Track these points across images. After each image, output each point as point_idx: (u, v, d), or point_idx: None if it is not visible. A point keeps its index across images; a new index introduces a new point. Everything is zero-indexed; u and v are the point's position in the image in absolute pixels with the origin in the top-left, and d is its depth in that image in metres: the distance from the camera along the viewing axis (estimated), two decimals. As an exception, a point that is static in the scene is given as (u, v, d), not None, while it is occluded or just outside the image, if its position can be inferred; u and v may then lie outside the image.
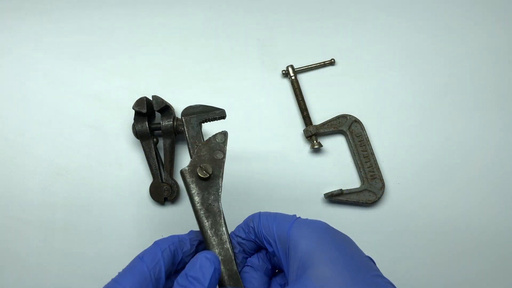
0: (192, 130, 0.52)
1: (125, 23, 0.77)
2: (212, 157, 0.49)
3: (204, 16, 0.78)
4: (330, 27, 0.77)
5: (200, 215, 0.48)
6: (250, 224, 0.48)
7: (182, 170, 0.49)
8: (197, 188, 0.48)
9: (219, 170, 0.49)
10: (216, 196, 0.48)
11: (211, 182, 0.49)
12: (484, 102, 0.74)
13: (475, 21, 0.78)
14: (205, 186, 0.49)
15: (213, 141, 0.50)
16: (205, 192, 0.48)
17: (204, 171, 0.48)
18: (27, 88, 0.74)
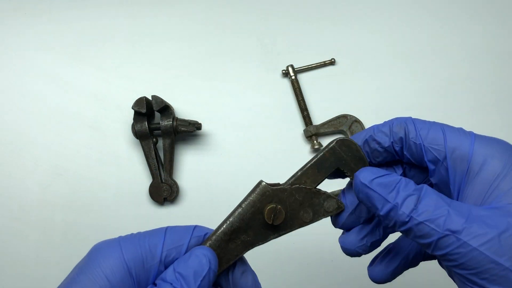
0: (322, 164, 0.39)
1: (125, 23, 0.77)
2: (298, 211, 0.38)
3: (204, 15, 0.77)
4: (330, 27, 0.77)
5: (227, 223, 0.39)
6: (399, 132, 0.37)
7: (263, 185, 0.39)
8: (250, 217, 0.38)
9: (287, 228, 0.38)
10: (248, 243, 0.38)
11: (266, 228, 0.38)
12: (485, 101, 0.74)
13: (475, 21, 0.78)
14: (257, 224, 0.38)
15: (320, 198, 0.38)
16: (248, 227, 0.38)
17: (273, 216, 0.37)
18: (26, 88, 0.74)
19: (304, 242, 0.66)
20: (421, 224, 0.32)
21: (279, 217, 0.37)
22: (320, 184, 0.39)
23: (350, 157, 0.38)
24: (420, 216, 0.32)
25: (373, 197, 0.34)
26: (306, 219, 0.38)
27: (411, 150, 0.37)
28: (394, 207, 0.33)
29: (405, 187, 0.33)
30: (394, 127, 0.38)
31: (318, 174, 0.39)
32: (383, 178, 0.34)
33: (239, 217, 0.38)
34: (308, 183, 0.38)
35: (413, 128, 0.37)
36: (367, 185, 0.34)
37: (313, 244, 0.66)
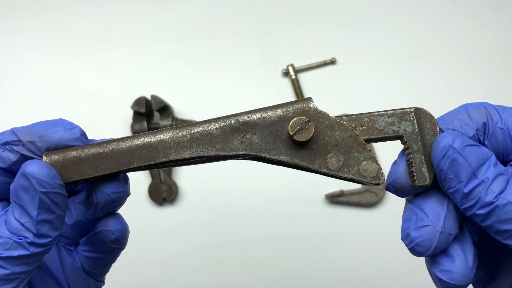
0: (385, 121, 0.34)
1: (124, 22, 0.77)
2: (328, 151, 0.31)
3: (203, 15, 0.77)
4: (330, 26, 0.77)
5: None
6: (480, 118, 0.31)
7: (311, 102, 0.32)
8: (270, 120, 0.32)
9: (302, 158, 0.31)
10: (252, 146, 0.31)
11: (281, 142, 0.31)
12: (488, 100, 0.74)
13: (476, 21, 0.78)
14: (273, 131, 0.31)
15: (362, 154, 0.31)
16: (262, 127, 0.32)
17: (297, 128, 0.30)
18: (26, 87, 0.73)
19: (305, 242, 0.65)
20: (509, 205, 0.27)
21: (304, 134, 0.30)
22: (371, 143, 0.32)
23: (424, 130, 0.32)
24: (510, 197, 0.27)
25: (461, 167, 0.28)
26: (331, 166, 0.31)
27: (495, 138, 0.30)
28: (482, 183, 0.28)
29: (496, 164, 0.28)
30: (471, 113, 0.32)
31: (375, 129, 0.32)
32: (476, 148, 0.29)
33: (260, 113, 0.33)
34: (359, 131, 0.32)
35: (495, 112, 0.31)
36: (458, 150, 0.28)
37: (314, 245, 0.66)
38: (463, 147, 0.29)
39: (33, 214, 0.30)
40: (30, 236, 0.30)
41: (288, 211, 0.67)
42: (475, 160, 0.28)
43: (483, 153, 0.29)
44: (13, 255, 0.29)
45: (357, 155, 0.31)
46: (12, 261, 0.29)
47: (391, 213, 0.68)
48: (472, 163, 0.28)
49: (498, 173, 0.28)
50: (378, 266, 0.67)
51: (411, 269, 0.66)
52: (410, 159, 0.31)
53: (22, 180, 0.30)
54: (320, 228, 0.67)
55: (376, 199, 0.67)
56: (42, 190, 0.30)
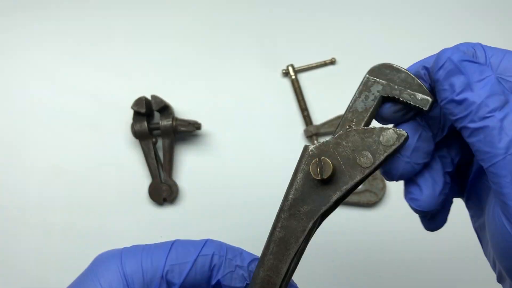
0: (361, 101, 0.35)
1: (124, 22, 0.77)
2: (353, 159, 0.32)
3: (204, 15, 0.77)
4: (331, 26, 0.77)
5: (278, 214, 0.34)
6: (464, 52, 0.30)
7: (307, 147, 0.33)
8: (301, 184, 0.33)
9: (347, 180, 0.32)
10: (311, 213, 0.33)
11: (324, 189, 0.32)
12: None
13: (477, 21, 0.78)
14: (312, 188, 0.33)
15: (373, 135, 0.32)
16: (304, 194, 0.33)
17: (319, 169, 0.32)
18: (25, 87, 0.73)
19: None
20: (497, 127, 0.26)
21: (326, 169, 0.31)
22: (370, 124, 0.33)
23: (397, 81, 0.33)
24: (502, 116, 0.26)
25: (456, 77, 0.28)
26: (366, 164, 0.32)
27: None
28: (477, 96, 0.27)
29: (495, 84, 0.28)
30: (460, 49, 0.31)
31: (361, 113, 0.33)
32: (476, 65, 0.28)
33: (291, 188, 0.33)
34: (354, 126, 0.33)
35: (482, 53, 0.30)
36: (455, 62, 0.28)
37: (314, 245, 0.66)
38: (461, 61, 0.28)
39: None
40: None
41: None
42: (473, 75, 0.28)
43: (483, 71, 0.28)
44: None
45: (372, 139, 0.32)
46: None
47: (391, 213, 0.68)
48: (468, 76, 0.28)
49: (495, 92, 0.27)
50: (378, 266, 0.67)
51: (411, 269, 0.66)
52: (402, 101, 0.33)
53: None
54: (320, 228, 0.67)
55: (376, 199, 0.67)
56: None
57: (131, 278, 0.31)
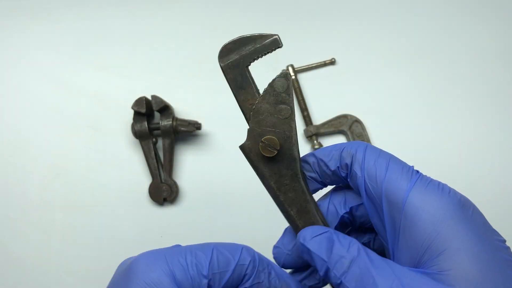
0: (237, 81, 0.39)
1: (125, 23, 0.77)
2: (277, 118, 0.36)
3: (204, 15, 0.77)
4: (330, 26, 0.77)
5: (280, 202, 0.38)
6: (346, 159, 0.35)
7: (243, 145, 0.37)
8: (268, 170, 0.37)
9: (289, 137, 0.36)
10: (293, 175, 0.36)
11: (282, 158, 0.36)
12: (486, 101, 0.74)
13: (477, 20, 0.78)
14: (276, 166, 0.37)
15: (272, 92, 0.37)
16: (277, 174, 0.37)
17: (269, 148, 0.36)
18: (26, 88, 0.74)
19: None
20: None
21: (274, 144, 0.36)
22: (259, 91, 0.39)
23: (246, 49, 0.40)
24: (349, 282, 0.31)
25: (313, 258, 0.33)
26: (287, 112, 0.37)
27: (353, 179, 0.35)
28: (328, 269, 0.32)
29: (338, 247, 0.33)
30: (344, 151, 0.36)
31: (248, 90, 0.39)
32: (321, 236, 0.34)
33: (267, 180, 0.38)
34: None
35: (361, 156, 0.34)
36: (306, 246, 0.34)
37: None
38: (310, 240, 0.34)
39: None
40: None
41: (288, 211, 0.67)
42: (321, 248, 0.33)
43: (327, 238, 0.34)
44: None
45: (273, 97, 0.38)
46: None
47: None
48: (318, 252, 0.33)
49: (340, 256, 0.32)
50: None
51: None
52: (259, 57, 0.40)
53: None
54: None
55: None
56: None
57: (180, 279, 0.32)
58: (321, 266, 0.33)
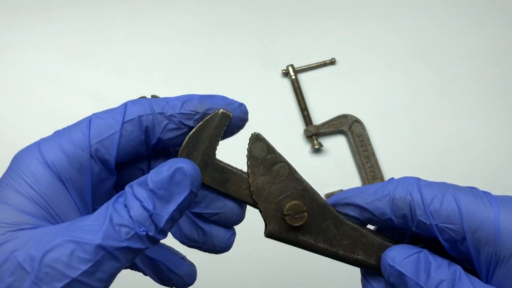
0: (217, 178, 0.32)
1: (124, 22, 0.77)
2: (280, 182, 0.33)
3: (203, 15, 0.77)
4: (330, 27, 0.77)
5: (342, 257, 0.33)
6: (403, 208, 0.31)
7: (270, 233, 0.33)
8: (309, 236, 0.33)
9: (304, 189, 0.33)
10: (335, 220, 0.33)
11: (313, 215, 0.33)
12: (486, 101, 0.74)
13: (476, 21, 0.78)
14: (313, 226, 0.33)
15: (256, 162, 0.33)
16: (321, 233, 0.33)
17: (297, 216, 0.32)
18: (26, 87, 0.73)
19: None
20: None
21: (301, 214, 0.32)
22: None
23: None
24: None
25: (405, 281, 0.29)
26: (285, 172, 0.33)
27: (421, 228, 0.31)
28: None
29: (437, 270, 0.29)
30: (397, 200, 0.31)
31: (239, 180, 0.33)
32: (415, 256, 0.30)
33: None
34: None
35: (419, 201, 0.30)
36: (396, 268, 0.30)
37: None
38: (401, 261, 0.30)
39: (171, 208, 0.28)
40: (153, 230, 0.27)
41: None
42: (417, 271, 0.29)
43: (424, 259, 0.30)
44: (132, 246, 0.27)
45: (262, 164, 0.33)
46: (128, 254, 0.27)
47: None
48: (413, 275, 0.29)
49: (439, 280, 0.29)
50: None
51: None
52: None
53: (178, 174, 0.28)
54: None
55: (376, 199, 0.67)
56: (192, 189, 0.28)
57: (55, 165, 0.29)
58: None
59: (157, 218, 0.27)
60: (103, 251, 0.26)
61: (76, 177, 0.29)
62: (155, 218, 0.27)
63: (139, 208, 0.27)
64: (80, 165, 0.29)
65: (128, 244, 0.27)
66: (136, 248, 0.27)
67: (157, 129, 0.31)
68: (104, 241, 0.26)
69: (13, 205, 0.28)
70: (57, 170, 0.29)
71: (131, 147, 0.30)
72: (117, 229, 0.26)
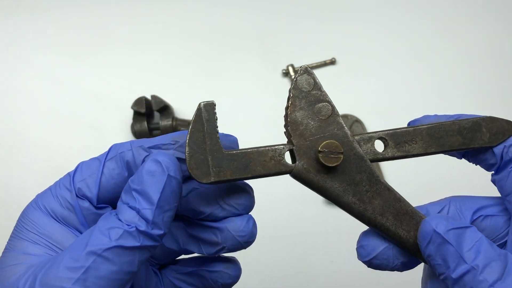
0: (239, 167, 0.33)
1: (124, 22, 0.77)
2: (319, 121, 0.31)
3: (204, 15, 0.77)
4: (330, 26, 0.77)
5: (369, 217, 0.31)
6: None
7: (297, 170, 0.31)
8: (339, 184, 0.30)
9: (344, 135, 0.30)
10: (369, 176, 0.30)
11: (348, 163, 0.30)
12: (486, 101, 0.74)
13: (476, 21, 0.78)
14: (346, 174, 0.30)
15: (300, 94, 0.32)
16: (352, 184, 0.30)
17: (332, 155, 0.30)
18: (26, 88, 0.73)
19: (305, 242, 0.65)
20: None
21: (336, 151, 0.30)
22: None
23: None
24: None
25: (447, 251, 0.28)
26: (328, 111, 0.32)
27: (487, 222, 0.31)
28: (472, 270, 0.27)
29: (488, 248, 0.28)
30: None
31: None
32: (462, 230, 0.28)
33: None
34: None
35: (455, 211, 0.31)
36: (442, 235, 0.28)
37: (314, 245, 0.66)
38: (447, 231, 0.28)
39: (155, 198, 0.28)
40: (144, 225, 0.28)
41: (288, 211, 0.67)
42: (462, 244, 0.28)
43: (471, 235, 0.28)
44: (124, 245, 0.27)
45: (305, 98, 0.32)
46: (122, 254, 0.27)
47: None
48: (458, 247, 0.28)
49: (491, 259, 0.27)
50: (378, 266, 0.67)
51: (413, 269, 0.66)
52: None
53: (151, 164, 0.29)
54: (320, 228, 0.67)
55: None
56: (170, 174, 0.29)
57: (48, 208, 0.32)
58: (458, 267, 0.27)
59: (144, 212, 0.28)
60: (94, 255, 0.27)
61: (67, 215, 0.31)
62: (143, 213, 0.28)
63: (126, 209, 0.28)
64: (69, 204, 0.31)
65: (119, 243, 0.27)
66: (130, 246, 0.27)
67: (137, 163, 0.31)
68: (92, 246, 0.27)
69: (17, 250, 0.31)
70: (50, 211, 0.32)
71: (113, 184, 0.32)
72: (106, 233, 0.27)
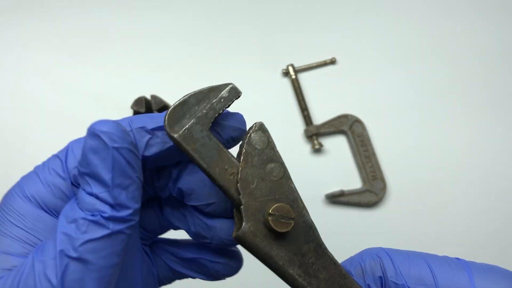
0: (203, 152, 0.28)
1: (124, 22, 0.77)
2: (270, 182, 0.29)
3: (203, 15, 0.77)
4: (331, 26, 0.77)
5: None
6: (375, 271, 0.29)
7: (242, 232, 0.27)
8: (285, 252, 0.28)
9: (294, 200, 0.29)
10: (317, 247, 0.29)
11: (296, 231, 0.28)
12: (486, 101, 0.73)
13: (476, 21, 0.78)
14: (293, 243, 0.28)
15: (253, 151, 0.29)
16: (298, 254, 0.28)
17: (283, 220, 0.28)
18: (26, 88, 0.73)
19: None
20: None
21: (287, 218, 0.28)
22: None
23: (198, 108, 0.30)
24: None
25: None
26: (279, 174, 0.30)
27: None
28: None
29: None
30: (367, 265, 0.30)
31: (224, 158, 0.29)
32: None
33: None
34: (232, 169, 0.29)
35: (390, 263, 0.29)
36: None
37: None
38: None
39: (107, 178, 0.25)
40: (108, 209, 0.25)
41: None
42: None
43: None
44: (93, 237, 0.24)
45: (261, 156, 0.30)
46: (95, 249, 0.24)
47: (391, 213, 0.68)
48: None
49: None
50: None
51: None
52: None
53: (91, 140, 0.26)
54: (320, 228, 0.66)
55: (376, 199, 0.67)
56: (114, 146, 0.25)
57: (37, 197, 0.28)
58: None
59: (102, 196, 0.25)
60: (66, 258, 0.24)
61: (60, 205, 0.28)
62: (102, 197, 0.25)
63: (85, 196, 0.25)
64: (62, 193, 0.28)
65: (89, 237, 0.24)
66: (100, 236, 0.24)
67: (139, 146, 0.28)
68: (60, 246, 0.24)
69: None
70: (40, 201, 0.28)
71: None
72: (71, 228, 0.25)
